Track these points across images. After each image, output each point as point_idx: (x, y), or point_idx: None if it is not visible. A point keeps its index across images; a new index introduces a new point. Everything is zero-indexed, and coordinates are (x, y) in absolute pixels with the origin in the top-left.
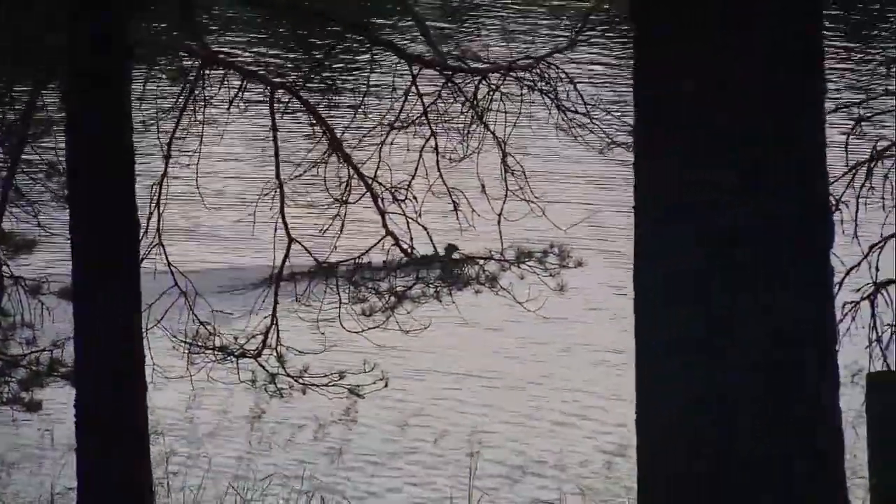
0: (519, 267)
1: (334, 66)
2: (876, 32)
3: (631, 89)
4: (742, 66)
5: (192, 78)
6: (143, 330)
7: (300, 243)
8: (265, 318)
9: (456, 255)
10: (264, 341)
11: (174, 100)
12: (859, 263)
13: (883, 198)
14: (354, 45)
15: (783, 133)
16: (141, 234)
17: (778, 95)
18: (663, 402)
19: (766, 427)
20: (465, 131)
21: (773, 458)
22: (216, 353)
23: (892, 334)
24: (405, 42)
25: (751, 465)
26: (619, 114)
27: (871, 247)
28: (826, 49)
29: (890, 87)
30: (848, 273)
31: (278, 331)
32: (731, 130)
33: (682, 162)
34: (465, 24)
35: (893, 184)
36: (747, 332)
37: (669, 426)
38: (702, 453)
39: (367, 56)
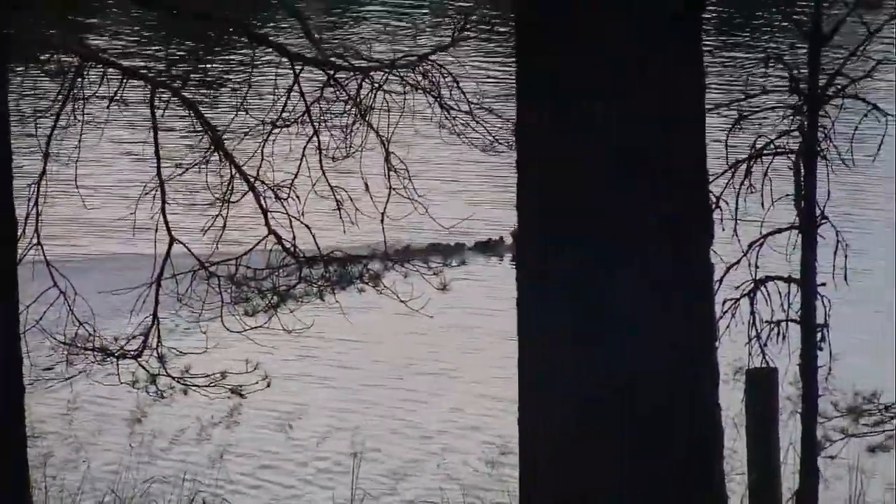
0: (403, 266)
1: (216, 65)
2: (755, 31)
3: (513, 88)
4: (620, 66)
5: (71, 76)
6: (21, 331)
7: (181, 242)
8: (146, 317)
9: (338, 254)
10: (145, 342)
11: (53, 98)
12: (739, 261)
13: (762, 195)
14: (238, 43)
15: (663, 130)
16: (19, 233)
17: (657, 93)
18: (544, 397)
19: (646, 424)
20: (348, 130)
21: (654, 455)
22: (96, 354)
23: (770, 331)
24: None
25: (629, 463)
26: (501, 112)
27: (751, 244)
28: (705, 47)
29: (769, 85)
30: (728, 270)
31: (159, 331)
32: (609, 129)
33: (561, 160)
34: (348, 22)
35: (772, 181)
36: (627, 329)
37: (549, 422)
38: (579, 452)
39: (249, 54)
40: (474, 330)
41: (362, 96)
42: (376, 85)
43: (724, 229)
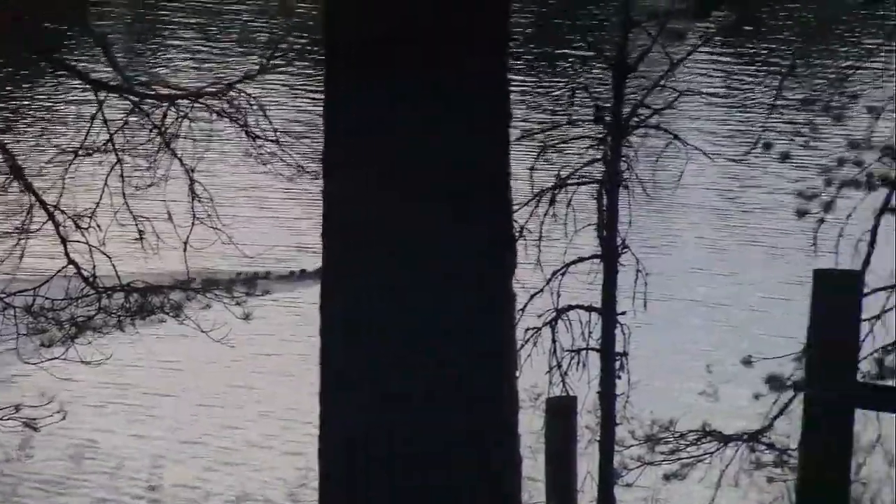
0: (205, 296)
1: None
2: (562, 61)
3: (321, 117)
4: (422, 94)
5: None
6: None
7: None
8: None
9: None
10: None
11: None
12: (542, 289)
13: (566, 224)
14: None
15: (468, 159)
16: None
17: (461, 122)
18: (344, 415)
19: (443, 450)
20: (153, 158)
21: (450, 482)
22: None
23: (571, 359)
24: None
25: (429, 488)
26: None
27: (554, 272)
28: (512, 76)
29: (574, 115)
30: (531, 299)
31: None
32: (412, 157)
33: (367, 188)
34: (155, 49)
35: (575, 211)
36: (430, 354)
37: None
38: (377, 472)
39: (53, 82)
40: (281, 356)
41: (167, 124)
42: (182, 113)
43: (527, 257)
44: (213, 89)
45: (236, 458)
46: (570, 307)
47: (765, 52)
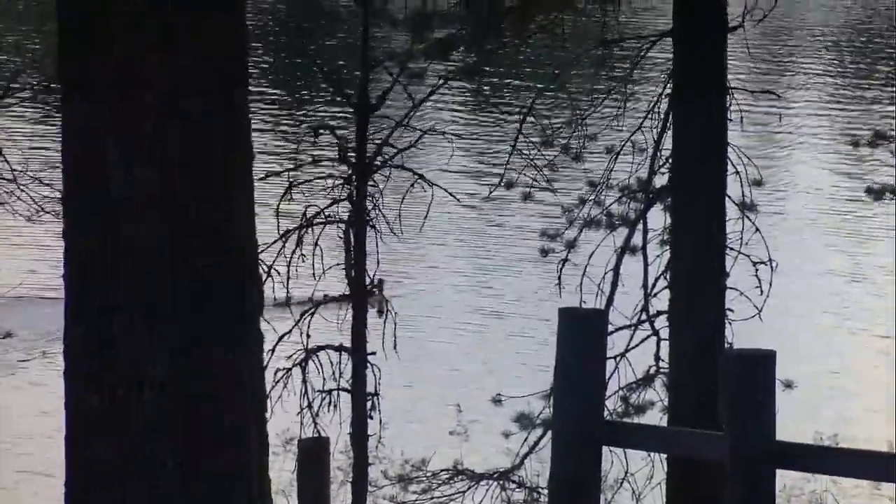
0: None
1: None
2: (305, 101)
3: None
4: (162, 132)
5: None
6: None
7: None
8: None
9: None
10: None
11: None
12: (291, 330)
13: (314, 264)
14: None
15: (210, 198)
16: None
17: (203, 162)
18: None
19: (187, 496)
20: None
21: None
22: None
23: (322, 400)
24: None
25: None
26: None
27: (303, 313)
28: (254, 115)
29: (318, 155)
30: (280, 339)
31: None
32: (150, 198)
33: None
34: None
35: (323, 251)
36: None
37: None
38: None
39: None
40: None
41: None
42: None
43: (275, 299)
44: None
45: None
46: (320, 347)
47: (508, 92)
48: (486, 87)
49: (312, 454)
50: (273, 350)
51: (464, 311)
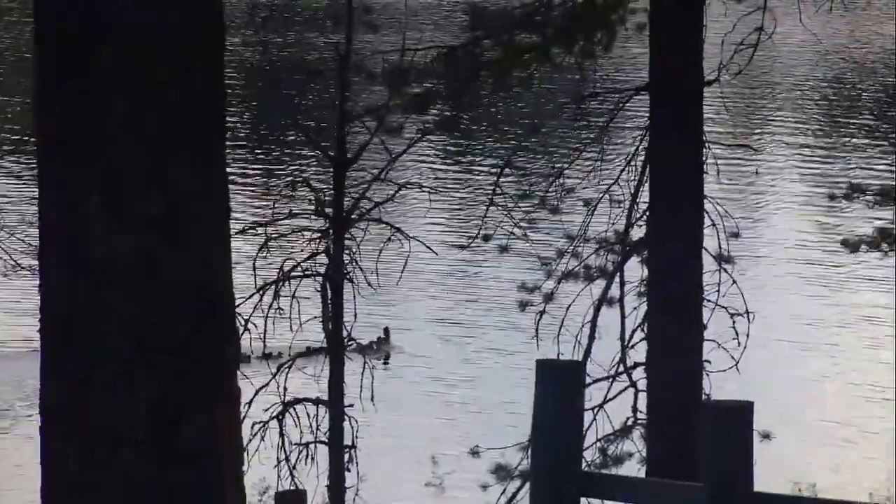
0: None
1: None
2: (282, 154)
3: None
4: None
5: None
6: None
7: None
8: None
9: None
10: None
11: None
12: (268, 383)
13: (290, 318)
14: None
15: (184, 253)
16: None
17: (174, 216)
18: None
19: None
20: None
21: None
22: None
23: (300, 453)
24: None
25: None
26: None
27: (280, 367)
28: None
29: (296, 208)
30: (257, 393)
31: None
32: (137, 251)
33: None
34: None
35: (300, 304)
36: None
37: None
38: None
39: None
40: None
41: None
42: None
43: (252, 353)
44: None
45: None
46: (298, 400)
47: (486, 145)
48: (466, 141)
49: None
50: (250, 403)
51: (439, 360)
